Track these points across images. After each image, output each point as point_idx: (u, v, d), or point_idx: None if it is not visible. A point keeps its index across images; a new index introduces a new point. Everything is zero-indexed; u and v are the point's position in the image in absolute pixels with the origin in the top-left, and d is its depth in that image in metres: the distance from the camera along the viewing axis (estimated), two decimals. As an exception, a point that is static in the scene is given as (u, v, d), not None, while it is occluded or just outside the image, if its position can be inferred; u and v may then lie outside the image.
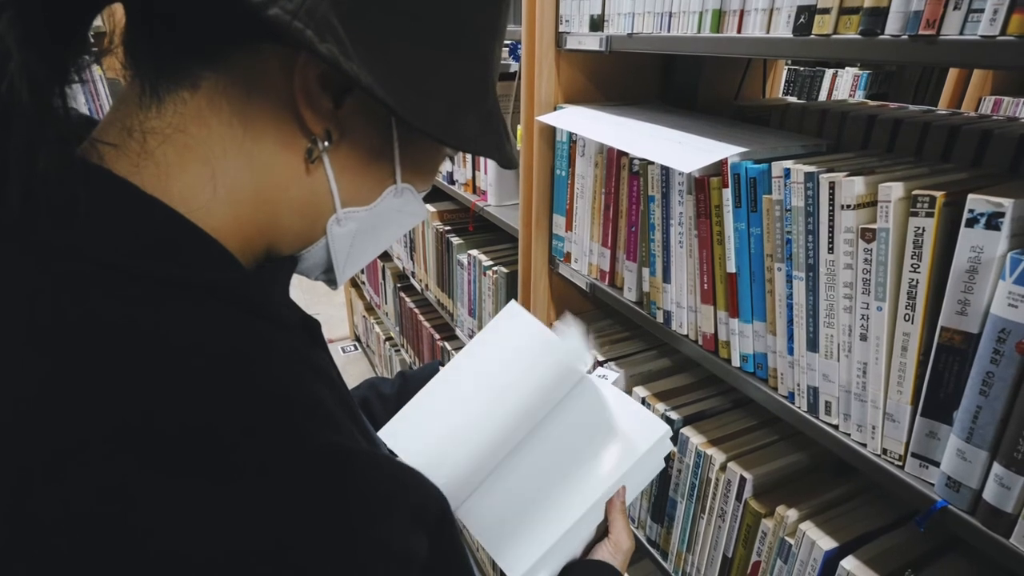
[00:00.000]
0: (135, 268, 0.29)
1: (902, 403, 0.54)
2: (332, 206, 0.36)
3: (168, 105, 0.31)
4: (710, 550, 0.82)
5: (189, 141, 0.31)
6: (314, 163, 0.34)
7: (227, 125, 0.32)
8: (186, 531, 0.25)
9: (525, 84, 0.97)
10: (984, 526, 0.48)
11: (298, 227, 0.36)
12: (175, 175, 0.31)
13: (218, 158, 0.32)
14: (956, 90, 1.88)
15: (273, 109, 0.32)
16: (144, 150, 0.31)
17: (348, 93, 0.33)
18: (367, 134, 0.36)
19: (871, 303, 0.54)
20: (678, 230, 0.75)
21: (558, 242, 1.03)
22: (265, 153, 0.33)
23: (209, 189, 0.32)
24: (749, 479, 0.74)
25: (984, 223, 0.45)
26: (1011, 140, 0.63)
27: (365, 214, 0.38)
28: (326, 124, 0.33)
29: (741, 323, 0.69)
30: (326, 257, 0.39)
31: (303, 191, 0.35)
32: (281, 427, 0.29)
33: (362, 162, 0.36)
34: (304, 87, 0.32)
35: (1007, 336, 0.44)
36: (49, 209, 0.28)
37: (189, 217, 0.31)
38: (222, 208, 0.32)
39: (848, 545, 0.65)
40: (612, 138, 0.79)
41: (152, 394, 0.26)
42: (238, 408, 0.28)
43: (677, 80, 1.05)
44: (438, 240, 1.57)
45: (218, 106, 0.31)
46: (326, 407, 0.32)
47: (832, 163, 0.60)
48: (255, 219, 0.34)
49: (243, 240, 0.34)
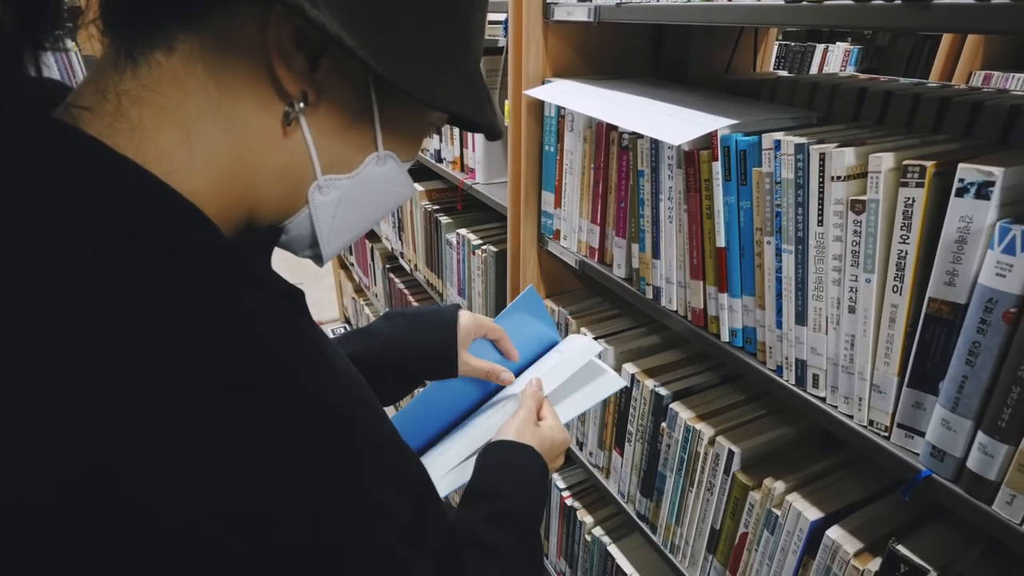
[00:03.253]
0: (112, 227, 0.28)
1: (889, 374, 0.54)
2: (312, 172, 0.36)
3: (143, 67, 0.31)
4: (698, 523, 0.83)
5: (165, 103, 0.31)
6: (291, 126, 0.34)
7: (203, 87, 0.31)
8: (178, 488, 0.26)
9: (512, 57, 0.95)
10: (967, 494, 0.49)
11: (278, 193, 0.36)
12: (150, 137, 0.31)
13: (194, 121, 0.31)
14: (946, 65, 1.88)
15: (249, 71, 0.32)
16: (119, 111, 0.30)
17: (324, 54, 0.33)
18: (345, 96, 0.35)
19: (860, 275, 0.54)
20: (667, 205, 0.74)
21: (547, 219, 1.03)
22: (242, 116, 0.32)
23: (185, 152, 0.31)
24: (737, 453, 0.75)
25: (974, 192, 0.45)
26: (1001, 111, 0.63)
27: (348, 182, 0.38)
28: (302, 85, 0.33)
29: (730, 298, 0.69)
30: (310, 229, 0.38)
31: (282, 155, 0.34)
32: (269, 383, 0.29)
33: (341, 126, 0.36)
34: (278, 45, 0.31)
35: (994, 305, 0.44)
36: (23, 167, 0.28)
37: (165, 179, 0.30)
38: (199, 171, 0.32)
39: (834, 515, 0.66)
40: (601, 111, 0.77)
41: (141, 354, 0.27)
42: (226, 365, 0.28)
43: (667, 53, 1.04)
44: (426, 219, 1.55)
45: (193, 68, 0.31)
46: (311, 365, 0.32)
47: (823, 135, 0.59)
48: (233, 184, 0.33)
49: (222, 206, 0.33)
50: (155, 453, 0.26)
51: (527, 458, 0.55)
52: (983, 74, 1.82)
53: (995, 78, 1.79)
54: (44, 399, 0.25)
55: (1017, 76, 1.76)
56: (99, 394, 0.25)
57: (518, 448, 0.55)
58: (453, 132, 1.35)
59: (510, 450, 0.55)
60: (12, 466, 0.24)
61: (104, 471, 0.25)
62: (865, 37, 2.80)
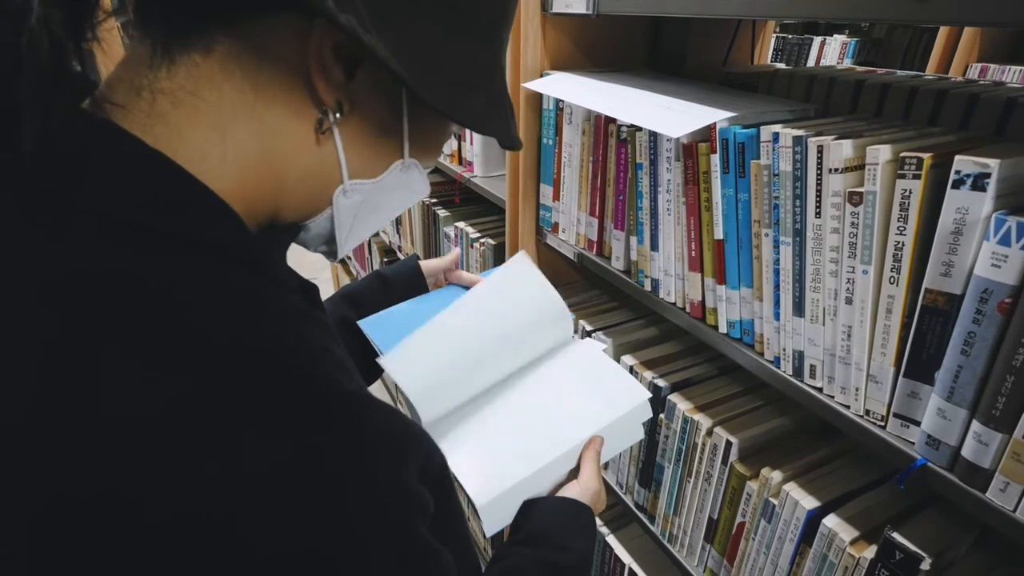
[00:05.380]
0: (145, 223, 0.29)
1: (885, 365, 0.54)
2: (340, 177, 0.37)
3: (180, 67, 0.31)
4: (696, 512, 0.84)
5: (200, 104, 0.31)
6: (324, 134, 0.34)
7: (239, 91, 0.31)
8: (207, 483, 0.25)
9: (510, 50, 0.95)
10: (962, 482, 0.49)
11: (304, 196, 0.37)
12: (185, 136, 0.31)
13: (228, 123, 0.32)
14: (943, 58, 1.88)
15: (285, 78, 0.32)
16: (153, 110, 0.31)
17: (360, 66, 0.33)
18: (377, 108, 0.36)
19: (857, 267, 0.54)
20: (666, 197, 0.74)
21: (545, 212, 1.03)
22: (276, 121, 0.33)
23: (218, 152, 0.32)
24: (735, 443, 0.76)
25: (970, 184, 0.45)
26: (998, 103, 0.63)
27: (371, 187, 0.39)
28: (338, 95, 0.34)
29: (728, 289, 0.69)
30: (330, 228, 0.39)
31: (312, 161, 0.35)
32: (298, 373, 0.29)
33: (371, 135, 0.37)
34: (319, 57, 0.32)
35: (989, 296, 0.45)
36: (58, 162, 0.28)
37: (200, 179, 0.31)
38: (230, 172, 0.32)
39: (830, 504, 0.67)
40: (599, 104, 0.77)
41: (165, 350, 0.26)
42: (253, 360, 0.28)
43: (665, 46, 1.04)
44: (425, 213, 1.55)
45: (231, 71, 0.31)
46: (335, 355, 0.32)
47: (820, 127, 0.59)
48: (262, 186, 0.34)
49: (248, 205, 0.34)
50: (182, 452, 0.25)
51: (589, 522, 0.57)
52: (979, 67, 1.82)
53: (991, 70, 1.80)
54: (55, 404, 0.25)
55: (1013, 69, 1.76)
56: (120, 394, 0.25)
57: (585, 511, 0.57)
58: (451, 125, 1.35)
59: (580, 511, 0.57)
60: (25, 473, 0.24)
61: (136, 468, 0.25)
62: (862, 30, 2.80)
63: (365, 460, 0.30)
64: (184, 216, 0.30)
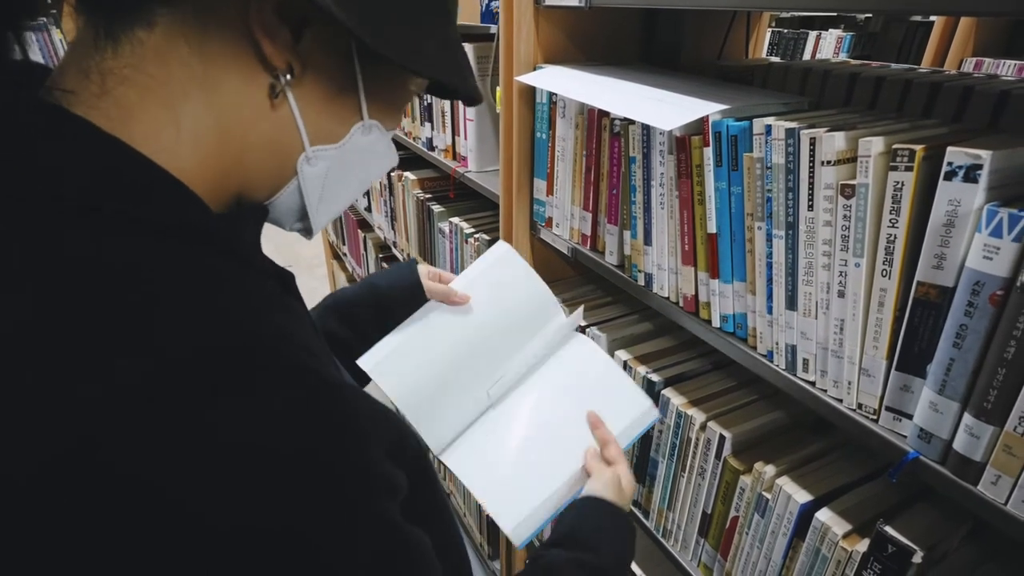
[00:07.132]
0: (101, 207, 0.28)
1: (877, 358, 0.54)
2: (300, 144, 0.36)
3: (124, 45, 0.30)
4: (690, 507, 0.84)
5: (148, 82, 0.31)
6: (278, 99, 0.34)
7: (186, 64, 0.31)
8: (164, 459, 0.25)
9: (503, 44, 0.95)
10: (953, 475, 0.49)
11: (267, 167, 0.36)
12: (136, 116, 0.30)
13: (179, 98, 0.31)
14: (938, 51, 1.88)
15: (232, 44, 0.32)
16: (103, 91, 0.30)
17: (306, 26, 0.33)
18: (330, 67, 0.35)
19: (849, 260, 0.54)
20: (659, 191, 0.74)
21: (539, 207, 1.02)
22: (227, 91, 0.32)
23: (172, 130, 0.31)
24: (728, 437, 0.75)
25: (962, 176, 0.45)
26: (991, 96, 0.63)
27: (335, 152, 0.38)
28: (287, 57, 0.33)
29: (721, 283, 0.69)
30: (299, 201, 0.39)
31: (269, 128, 0.34)
32: (258, 350, 0.29)
33: (327, 96, 0.36)
34: (261, 18, 0.31)
35: (981, 288, 0.45)
36: (8, 150, 0.28)
37: (153, 159, 0.30)
38: (186, 150, 0.32)
39: (823, 498, 0.67)
40: (592, 97, 0.77)
41: (130, 330, 0.26)
42: (216, 337, 0.28)
43: (659, 40, 1.03)
44: (419, 208, 1.55)
45: (175, 44, 0.31)
46: (300, 336, 0.32)
47: (813, 119, 0.59)
48: (221, 160, 0.33)
49: (210, 183, 0.33)
50: (139, 431, 0.25)
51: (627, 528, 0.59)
52: (974, 60, 1.82)
53: (986, 64, 1.79)
54: (23, 382, 0.25)
55: (1008, 62, 1.76)
56: (75, 375, 0.25)
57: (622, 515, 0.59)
58: (445, 120, 1.34)
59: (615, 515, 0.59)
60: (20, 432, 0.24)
61: (88, 449, 0.24)
62: (858, 24, 2.79)
63: (317, 436, 0.29)
64: (138, 198, 0.29)
